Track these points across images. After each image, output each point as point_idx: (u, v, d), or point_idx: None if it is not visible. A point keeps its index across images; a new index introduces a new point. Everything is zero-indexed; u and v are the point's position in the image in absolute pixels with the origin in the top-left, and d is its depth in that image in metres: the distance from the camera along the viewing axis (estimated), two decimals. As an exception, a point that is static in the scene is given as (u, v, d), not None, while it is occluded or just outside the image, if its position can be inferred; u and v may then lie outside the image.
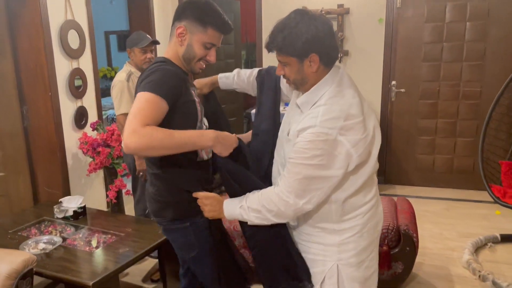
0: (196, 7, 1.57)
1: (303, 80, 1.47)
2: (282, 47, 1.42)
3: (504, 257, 3.17)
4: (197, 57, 1.60)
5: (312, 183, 1.39)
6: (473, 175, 4.48)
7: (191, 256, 1.77)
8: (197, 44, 1.58)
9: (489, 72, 4.27)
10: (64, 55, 3.41)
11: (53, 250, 2.45)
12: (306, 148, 1.36)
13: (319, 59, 1.41)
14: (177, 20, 1.60)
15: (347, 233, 1.52)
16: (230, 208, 1.55)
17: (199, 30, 1.56)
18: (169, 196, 1.66)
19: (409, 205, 2.93)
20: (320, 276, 1.55)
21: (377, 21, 4.43)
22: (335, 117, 1.36)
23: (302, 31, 1.38)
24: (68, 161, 3.51)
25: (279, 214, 1.45)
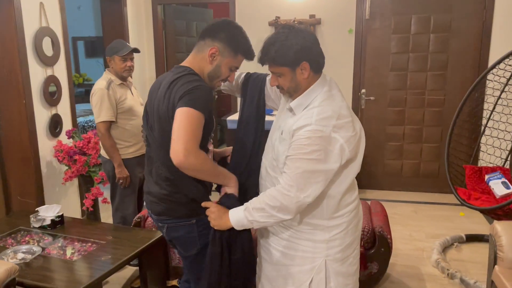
0: (232, 33, 1.68)
1: (296, 87, 1.59)
2: (276, 58, 1.54)
3: (470, 255, 3.36)
4: (222, 77, 1.73)
5: (312, 177, 1.47)
6: (438, 179, 4.71)
7: (192, 253, 1.82)
8: (225, 66, 1.70)
9: (451, 81, 4.52)
10: (39, 62, 3.37)
11: (33, 260, 2.41)
12: (305, 144, 1.46)
13: (310, 66, 1.55)
14: (210, 38, 1.68)
15: (335, 230, 1.64)
16: (235, 214, 1.58)
17: (230, 54, 1.68)
18: (181, 198, 1.72)
19: (382, 208, 3.07)
20: (309, 274, 1.64)
21: (347, 31, 4.61)
22: (328, 116, 1.49)
23: (292, 42, 1.52)
24: (42, 170, 3.46)
25: (283, 209, 1.49)
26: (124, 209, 3.13)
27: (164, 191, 1.75)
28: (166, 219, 1.80)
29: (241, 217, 1.56)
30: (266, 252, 1.79)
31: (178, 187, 1.71)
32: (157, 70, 5.18)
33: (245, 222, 1.56)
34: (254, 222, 1.54)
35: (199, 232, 1.77)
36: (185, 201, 1.73)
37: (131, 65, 3.01)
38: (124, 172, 3.00)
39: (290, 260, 1.68)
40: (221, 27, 1.68)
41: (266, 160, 1.74)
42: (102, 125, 2.92)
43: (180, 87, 1.59)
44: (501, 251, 2.29)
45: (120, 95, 2.98)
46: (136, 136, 3.07)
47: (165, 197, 1.75)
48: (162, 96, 1.65)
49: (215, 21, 1.72)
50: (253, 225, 1.56)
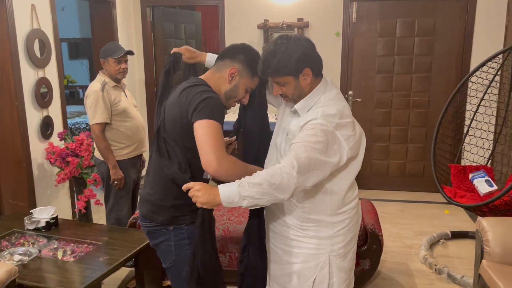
0: (251, 56, 1.73)
1: (301, 93, 1.65)
2: (279, 69, 1.59)
3: (455, 251, 3.48)
4: (238, 98, 1.77)
5: (313, 164, 1.50)
6: (424, 179, 4.84)
7: (168, 265, 1.84)
8: (243, 87, 1.74)
9: (435, 83, 4.66)
10: (30, 64, 3.36)
11: (30, 261, 2.42)
12: (311, 134, 1.52)
13: (311, 71, 1.62)
14: (230, 59, 1.73)
15: (339, 226, 1.69)
16: (226, 189, 1.50)
17: (248, 76, 1.73)
18: (166, 201, 1.75)
19: (372, 206, 3.15)
20: (314, 270, 1.69)
21: (334, 34, 4.70)
22: (333, 114, 1.56)
23: (293, 51, 1.58)
24: (34, 172, 3.44)
25: (281, 187, 1.47)
26: (118, 210, 3.14)
27: (152, 190, 1.79)
28: (147, 224, 1.82)
29: (233, 192, 1.48)
30: (271, 252, 1.83)
31: (165, 189, 1.74)
32: (146, 72, 5.19)
33: (236, 198, 1.48)
34: (247, 198, 1.48)
35: (175, 241, 1.79)
36: (168, 206, 1.75)
37: (125, 68, 3.04)
38: (119, 174, 3.02)
39: (295, 257, 1.72)
40: (241, 50, 1.74)
41: (270, 161, 1.78)
42: (97, 127, 2.94)
43: (194, 95, 1.62)
44: (488, 246, 2.40)
45: (114, 97, 3.00)
46: (130, 138, 3.09)
47: (150, 197, 1.79)
48: (173, 101, 1.69)
49: (235, 44, 1.78)
50: (243, 203, 1.49)
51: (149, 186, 1.81)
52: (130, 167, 3.13)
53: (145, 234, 1.92)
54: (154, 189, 1.78)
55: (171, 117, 1.69)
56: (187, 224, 1.78)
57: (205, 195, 1.51)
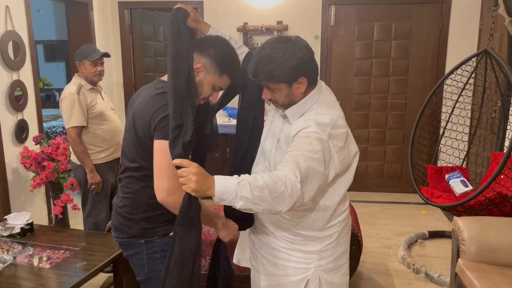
0: (223, 52, 1.56)
1: (292, 101, 1.54)
2: (273, 76, 1.47)
3: (433, 251, 3.54)
4: (203, 96, 1.60)
5: (311, 175, 1.37)
6: (401, 180, 4.92)
7: (141, 278, 1.75)
8: (208, 84, 1.58)
9: (412, 86, 4.75)
10: (4, 66, 3.28)
11: (4, 269, 2.36)
12: (307, 142, 1.40)
13: (307, 80, 1.51)
14: (199, 52, 1.56)
15: (327, 240, 1.60)
16: (223, 185, 1.30)
17: (215, 73, 1.56)
18: (136, 214, 1.65)
19: (352, 208, 3.18)
20: (300, 284, 1.60)
21: (313, 37, 4.74)
22: (325, 124, 1.45)
23: (291, 59, 1.46)
24: (8, 177, 3.36)
25: (282, 198, 1.31)
26: (96, 215, 3.09)
27: (121, 203, 1.69)
28: (118, 235, 1.73)
29: (231, 189, 1.29)
30: (257, 262, 1.76)
31: (134, 201, 1.65)
32: (124, 75, 5.13)
33: (231, 196, 1.29)
34: (243, 199, 1.29)
35: (148, 254, 1.68)
36: (138, 219, 1.65)
37: (101, 70, 3.00)
38: (96, 178, 2.97)
39: (281, 270, 1.63)
40: (212, 44, 1.58)
41: (256, 166, 1.70)
42: (73, 131, 2.89)
43: (157, 110, 1.50)
44: (463, 245, 2.45)
45: (90, 100, 2.95)
46: (108, 141, 3.04)
47: (120, 209, 1.69)
48: (139, 111, 1.57)
49: (208, 36, 1.62)
50: (237, 203, 1.31)
51: (119, 198, 1.71)
52: (108, 171, 3.08)
53: (117, 245, 1.84)
54: (124, 201, 1.68)
55: (135, 127, 1.58)
56: (159, 236, 1.66)
57: (199, 183, 1.28)
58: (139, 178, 1.63)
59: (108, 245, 2.65)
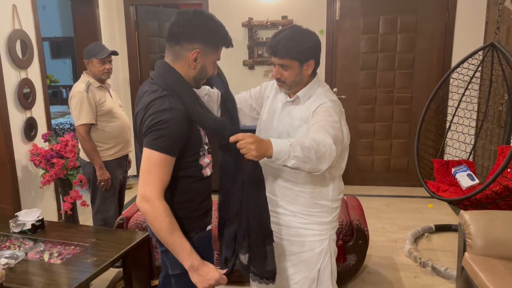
0: (208, 31, 1.54)
1: (299, 82, 1.76)
2: (292, 52, 1.68)
3: (439, 244, 3.55)
4: (209, 75, 1.63)
5: (336, 142, 1.56)
6: (407, 173, 4.92)
7: (175, 272, 1.73)
8: (210, 64, 1.60)
9: (418, 79, 4.74)
10: (12, 65, 3.32)
11: (17, 265, 2.40)
12: (328, 115, 1.64)
13: (314, 64, 1.75)
14: (187, 41, 1.52)
15: (335, 212, 1.85)
16: (279, 145, 1.48)
17: (212, 51, 1.57)
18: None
19: (358, 202, 3.20)
20: (319, 257, 1.80)
21: (318, 32, 4.73)
22: (335, 101, 1.75)
23: (308, 40, 1.71)
24: (18, 174, 3.40)
25: (324, 157, 1.51)
26: (105, 211, 3.12)
27: None
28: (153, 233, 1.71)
29: (285, 149, 1.47)
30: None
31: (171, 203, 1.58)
32: (130, 71, 5.16)
33: (286, 156, 1.47)
34: (294, 159, 1.48)
35: None
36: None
37: (109, 68, 3.02)
38: (106, 174, 3.01)
39: (301, 246, 1.81)
40: (196, 25, 1.52)
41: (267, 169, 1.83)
42: (82, 128, 2.92)
43: (149, 117, 1.48)
44: (470, 239, 2.46)
45: (99, 98, 2.98)
46: (116, 138, 3.07)
47: None
48: (136, 113, 1.58)
49: (187, 20, 1.52)
50: (289, 162, 1.48)
51: None
52: (116, 168, 3.12)
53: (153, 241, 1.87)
54: None
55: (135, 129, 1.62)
56: (196, 232, 1.67)
57: (258, 149, 1.44)
58: None
59: (117, 241, 2.69)
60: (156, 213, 1.45)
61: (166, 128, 1.45)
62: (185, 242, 1.50)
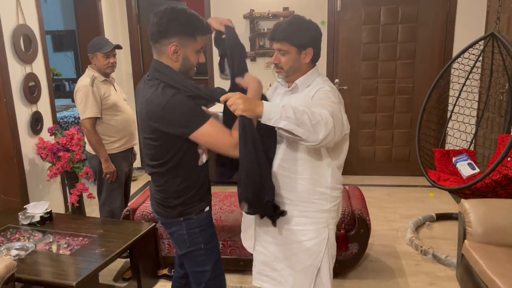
0: (181, 23, 1.62)
1: (296, 69, 1.77)
2: (291, 36, 1.71)
3: (440, 233, 3.61)
4: (194, 65, 1.72)
5: (335, 118, 1.55)
6: (409, 163, 4.97)
7: (183, 252, 1.92)
8: (192, 54, 1.68)
9: (419, 69, 4.76)
10: (18, 60, 3.35)
11: (27, 256, 2.47)
12: (326, 97, 1.67)
13: (313, 53, 1.75)
14: (164, 37, 1.63)
15: (334, 201, 1.84)
16: (270, 104, 1.50)
17: (190, 41, 1.65)
18: (171, 201, 1.84)
19: (360, 192, 3.25)
20: (322, 245, 1.82)
21: (319, 23, 4.74)
22: (334, 88, 1.77)
23: (308, 28, 1.74)
24: (25, 167, 3.46)
25: (319, 126, 1.48)
26: (111, 203, 3.18)
27: (156, 195, 1.88)
28: (158, 217, 1.94)
29: (277, 109, 1.47)
30: (274, 235, 1.90)
31: (167, 192, 1.82)
32: (133, 64, 5.19)
33: (277, 116, 1.46)
34: (286, 119, 1.46)
35: (187, 230, 1.86)
36: (174, 204, 1.83)
37: (114, 62, 3.06)
38: (111, 167, 3.06)
39: (300, 236, 1.83)
40: (169, 23, 1.61)
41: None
42: (88, 122, 2.96)
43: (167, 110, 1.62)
44: (470, 227, 2.51)
45: (104, 92, 3.02)
46: (121, 131, 3.12)
47: (157, 196, 1.88)
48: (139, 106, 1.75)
49: (158, 18, 1.62)
50: (281, 123, 1.46)
51: (154, 189, 1.89)
52: (122, 160, 3.17)
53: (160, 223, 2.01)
54: (158, 193, 1.87)
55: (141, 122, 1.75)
56: (196, 213, 1.86)
57: (246, 103, 1.47)
58: (163, 173, 1.79)
59: (124, 232, 2.75)
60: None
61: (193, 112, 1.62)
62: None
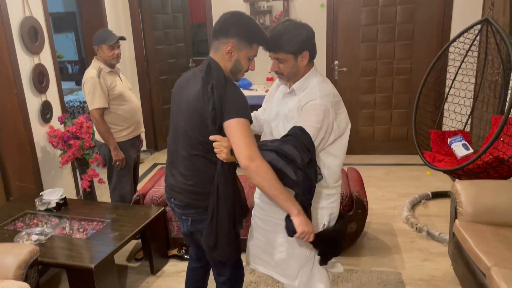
0: (243, 27, 1.75)
1: (296, 73, 1.85)
2: (285, 47, 1.78)
3: (435, 211, 3.78)
4: (244, 69, 1.83)
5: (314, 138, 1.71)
6: (407, 142, 5.10)
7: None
8: (244, 59, 1.80)
9: (417, 50, 4.83)
10: (26, 51, 3.47)
11: (47, 240, 2.65)
12: (311, 113, 1.74)
13: (309, 55, 1.82)
14: (224, 36, 1.76)
15: (330, 198, 1.92)
16: None
17: (246, 46, 1.77)
18: (205, 187, 1.84)
19: (358, 174, 3.40)
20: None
21: (319, 5, 4.80)
22: (328, 94, 1.80)
23: (300, 33, 1.79)
24: (38, 155, 3.61)
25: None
26: (121, 188, 3.35)
27: (190, 181, 1.87)
28: (190, 213, 1.93)
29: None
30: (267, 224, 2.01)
31: (201, 177, 1.85)
32: (136, 49, 5.27)
33: None
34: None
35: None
36: (209, 192, 1.82)
37: (118, 53, 3.16)
38: (120, 155, 3.21)
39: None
40: (231, 22, 1.75)
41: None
42: (96, 112, 3.09)
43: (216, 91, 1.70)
44: (461, 207, 2.66)
45: (110, 82, 3.14)
46: (128, 120, 3.25)
47: (190, 187, 1.88)
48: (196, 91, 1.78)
49: (224, 18, 1.77)
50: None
51: (184, 178, 1.89)
52: (130, 148, 3.31)
53: (186, 223, 1.99)
54: (192, 179, 1.87)
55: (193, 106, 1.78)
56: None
57: (228, 154, 1.70)
58: (204, 156, 1.83)
59: (136, 216, 2.92)
60: (266, 167, 1.66)
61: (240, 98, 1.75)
62: (288, 192, 1.72)
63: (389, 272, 2.92)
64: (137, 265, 3.15)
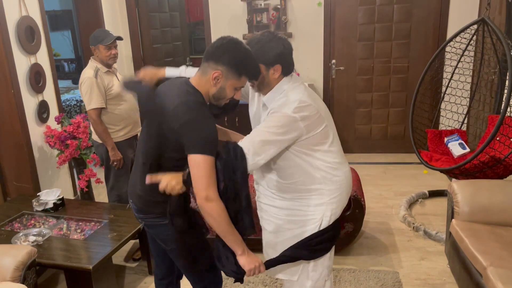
0: (236, 58, 1.70)
1: (266, 84, 1.82)
2: (258, 55, 1.74)
3: (432, 209, 3.80)
4: (227, 98, 1.80)
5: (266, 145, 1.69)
6: (404, 140, 5.12)
7: (171, 248, 1.97)
8: (230, 88, 1.75)
9: (414, 49, 4.84)
10: (22, 51, 3.45)
11: (45, 241, 2.64)
12: (269, 120, 1.73)
13: (281, 69, 1.79)
14: (214, 61, 1.71)
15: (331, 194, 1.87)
16: None
17: (234, 77, 1.72)
18: (158, 197, 1.79)
19: (356, 173, 3.41)
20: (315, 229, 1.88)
21: (316, 4, 4.80)
22: (293, 101, 1.74)
23: (274, 46, 1.77)
24: (35, 155, 3.61)
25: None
26: (119, 188, 3.34)
27: (142, 190, 1.88)
28: (144, 217, 1.95)
29: None
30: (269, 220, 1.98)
31: (153, 186, 1.76)
32: (133, 47, 5.26)
33: None
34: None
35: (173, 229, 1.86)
36: (161, 200, 1.79)
37: (115, 53, 3.15)
38: (118, 155, 3.21)
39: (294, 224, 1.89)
40: (226, 50, 1.69)
41: None
42: (94, 112, 3.09)
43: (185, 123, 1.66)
44: (457, 207, 2.68)
45: (107, 82, 3.13)
46: (125, 120, 3.25)
47: (144, 194, 1.88)
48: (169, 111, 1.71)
49: (220, 43, 1.72)
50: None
51: (140, 183, 1.88)
52: (127, 147, 3.31)
53: (143, 226, 2.03)
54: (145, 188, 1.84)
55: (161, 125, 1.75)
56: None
57: (179, 182, 1.70)
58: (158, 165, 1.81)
59: (133, 216, 2.87)
60: (220, 210, 1.66)
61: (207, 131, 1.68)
62: (237, 233, 1.74)
63: (386, 271, 2.93)
64: (135, 265, 3.16)
